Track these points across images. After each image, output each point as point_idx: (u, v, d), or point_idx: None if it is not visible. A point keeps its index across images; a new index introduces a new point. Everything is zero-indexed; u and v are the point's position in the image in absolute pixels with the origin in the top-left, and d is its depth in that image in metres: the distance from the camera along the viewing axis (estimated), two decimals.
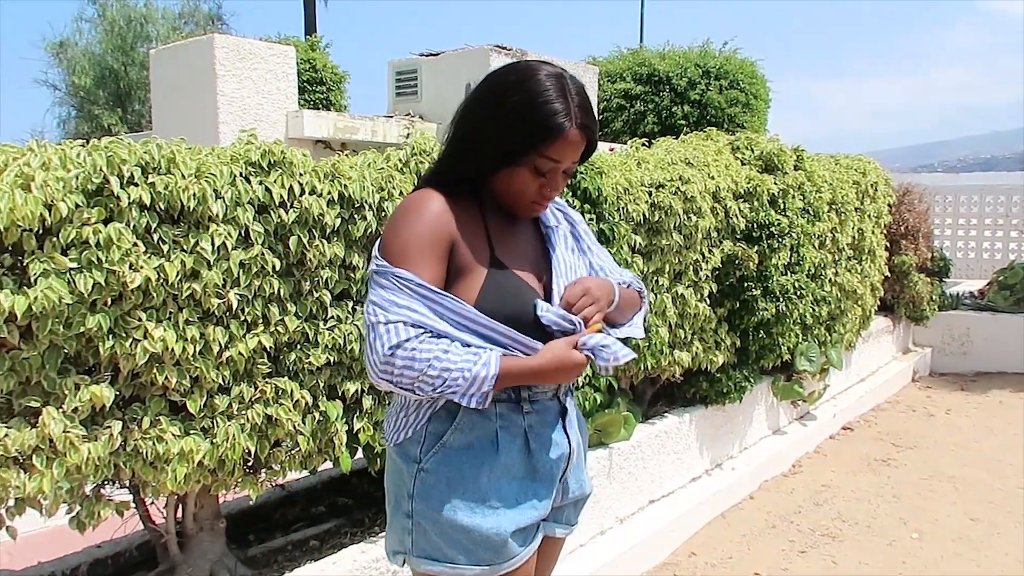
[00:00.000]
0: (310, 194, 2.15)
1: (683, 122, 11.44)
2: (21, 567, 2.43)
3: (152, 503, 2.32)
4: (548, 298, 1.49)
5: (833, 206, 4.82)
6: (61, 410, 1.77)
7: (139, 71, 18.20)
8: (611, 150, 4.96)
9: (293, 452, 2.22)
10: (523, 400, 1.47)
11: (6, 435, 1.70)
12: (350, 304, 2.32)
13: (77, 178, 1.77)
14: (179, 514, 2.37)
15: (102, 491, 1.99)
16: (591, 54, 13.34)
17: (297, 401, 2.17)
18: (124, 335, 1.83)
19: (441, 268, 1.39)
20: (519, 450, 1.45)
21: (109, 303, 1.81)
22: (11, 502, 1.81)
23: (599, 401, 3.19)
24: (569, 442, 1.54)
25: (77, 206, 1.75)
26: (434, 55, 9.32)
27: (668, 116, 11.86)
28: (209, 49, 7.24)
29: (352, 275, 2.30)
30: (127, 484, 2.07)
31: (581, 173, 3.02)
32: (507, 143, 1.40)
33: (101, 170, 1.78)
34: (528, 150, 1.40)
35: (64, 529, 2.04)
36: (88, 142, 1.89)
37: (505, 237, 1.50)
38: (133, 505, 2.20)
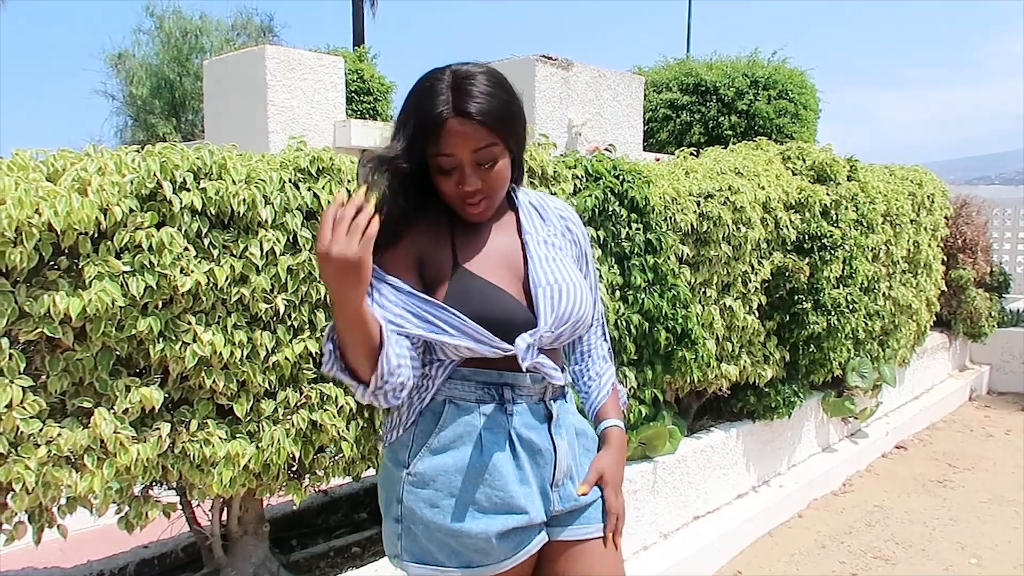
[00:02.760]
0: None
1: (730, 132, 11.30)
2: (71, 564, 2.48)
3: (198, 505, 2.35)
4: (530, 304, 1.45)
5: (887, 218, 4.69)
6: (112, 411, 1.80)
7: (193, 81, 18.71)
8: (657, 160, 4.90)
9: (337, 458, 2.23)
10: (506, 401, 1.46)
11: (59, 435, 1.73)
12: None
13: (131, 183, 1.80)
14: (224, 517, 2.40)
15: (150, 492, 2.01)
16: (637, 64, 13.29)
17: (341, 407, 2.17)
18: (174, 338, 1.86)
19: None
20: (504, 452, 1.44)
21: (160, 306, 1.84)
22: (63, 500, 1.85)
23: (644, 414, 3.13)
24: (554, 448, 1.50)
25: (131, 210, 1.78)
26: None
27: (715, 127, 11.73)
28: (260, 60, 7.40)
29: None
30: (174, 486, 2.09)
31: (628, 182, 2.99)
32: (408, 157, 1.38)
33: (155, 175, 1.81)
34: (422, 156, 1.38)
35: (112, 528, 2.07)
36: (143, 148, 1.93)
37: (473, 245, 1.47)
38: (180, 507, 2.22)
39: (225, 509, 2.38)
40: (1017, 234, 8.67)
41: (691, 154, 3.82)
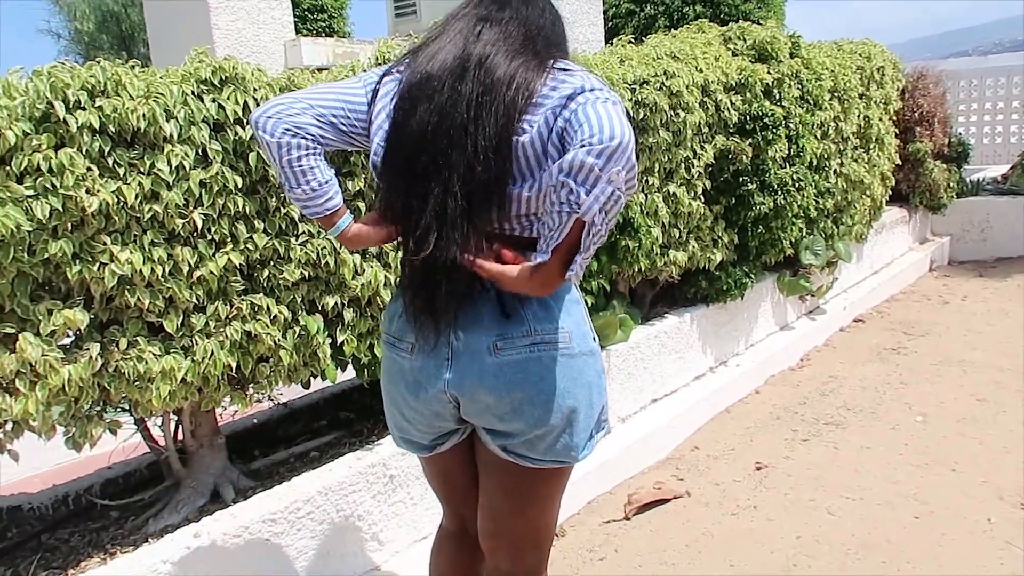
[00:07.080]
0: None
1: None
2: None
3: (157, 424, 2.42)
4: None
5: (835, 94, 4.66)
6: (37, 335, 1.83)
7: (139, 12, 17.99)
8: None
9: (277, 367, 2.28)
10: None
11: None
12: None
13: (22, 106, 1.77)
14: (179, 434, 2.47)
15: (102, 414, 2.06)
16: None
17: (275, 317, 2.21)
18: (91, 259, 1.87)
19: None
20: None
21: (71, 228, 1.84)
22: (9, 426, 1.90)
23: (591, 304, 3.20)
24: None
25: (25, 133, 1.76)
26: None
27: (680, 17, 11.40)
28: None
29: None
30: (125, 406, 2.15)
31: None
32: None
33: (45, 96, 1.79)
34: None
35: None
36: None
37: None
38: (135, 425, 2.29)
39: (178, 425, 2.45)
40: (983, 104, 8.62)
41: (629, 42, 3.75)
